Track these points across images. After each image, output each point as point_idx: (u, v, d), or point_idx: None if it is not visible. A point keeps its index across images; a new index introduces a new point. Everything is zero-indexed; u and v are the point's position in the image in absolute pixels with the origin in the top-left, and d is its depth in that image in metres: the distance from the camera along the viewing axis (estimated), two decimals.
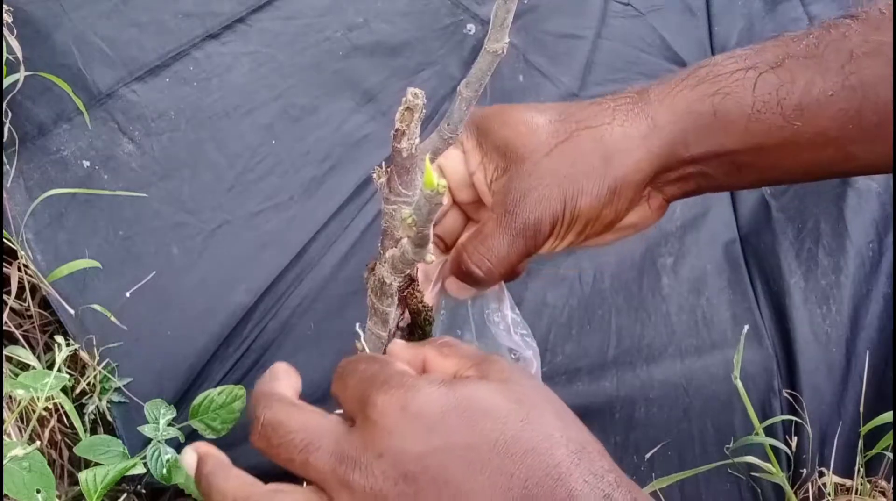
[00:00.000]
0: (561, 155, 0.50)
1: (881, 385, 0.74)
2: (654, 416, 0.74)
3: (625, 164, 0.49)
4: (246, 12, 0.76)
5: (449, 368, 0.43)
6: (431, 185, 0.36)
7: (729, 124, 0.49)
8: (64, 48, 0.72)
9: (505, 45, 0.43)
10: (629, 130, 0.50)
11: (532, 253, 0.51)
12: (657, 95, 0.51)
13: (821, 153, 0.49)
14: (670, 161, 0.50)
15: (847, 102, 0.48)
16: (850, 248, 0.78)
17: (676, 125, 0.50)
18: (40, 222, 0.69)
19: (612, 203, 0.50)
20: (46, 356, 0.68)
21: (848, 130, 0.48)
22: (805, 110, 0.48)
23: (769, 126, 0.49)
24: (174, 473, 0.62)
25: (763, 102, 0.48)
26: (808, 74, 0.48)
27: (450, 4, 0.80)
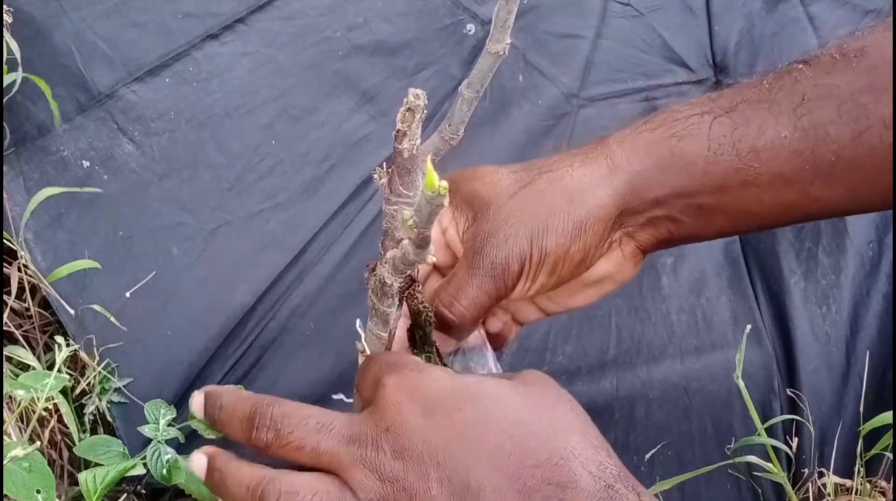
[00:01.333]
0: (525, 197, 0.51)
1: (881, 385, 0.75)
2: (654, 416, 0.74)
3: (587, 201, 0.51)
4: (246, 12, 0.76)
5: None
6: (433, 186, 0.36)
7: (687, 165, 0.50)
8: (64, 48, 0.72)
9: (506, 46, 0.43)
10: (591, 171, 0.51)
11: (503, 295, 0.51)
12: (616, 140, 0.52)
13: (783, 195, 0.50)
14: (634, 201, 0.51)
15: (800, 143, 0.49)
16: (850, 248, 0.78)
17: (636, 165, 0.51)
18: (40, 222, 0.69)
19: (579, 239, 0.51)
20: (46, 356, 0.68)
21: (805, 171, 0.49)
22: (760, 152, 0.49)
23: (726, 168, 0.50)
24: (174, 473, 0.62)
25: (718, 144, 0.50)
26: (761, 117, 0.49)
27: (450, 4, 0.80)
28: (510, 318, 0.57)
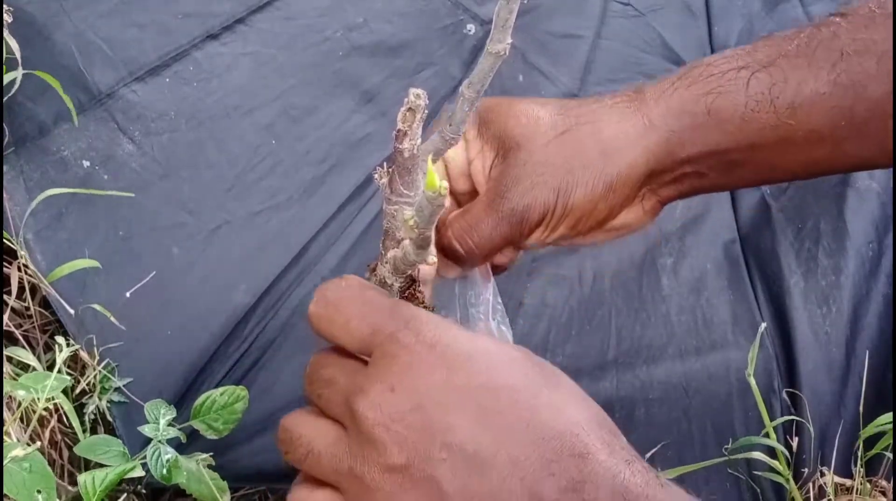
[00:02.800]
0: (559, 146, 0.50)
1: (881, 385, 0.75)
2: (654, 416, 0.74)
3: (622, 160, 0.50)
4: (246, 13, 0.76)
5: None
6: (433, 186, 0.36)
7: (723, 123, 0.49)
8: (64, 48, 0.72)
9: (507, 47, 0.43)
10: (627, 128, 0.50)
11: (517, 240, 0.50)
12: (653, 94, 0.51)
13: (814, 151, 0.50)
14: (666, 160, 0.51)
15: (839, 99, 0.48)
16: (850, 248, 0.78)
17: (672, 124, 0.50)
18: (40, 222, 0.69)
19: (606, 198, 0.50)
20: (46, 356, 0.68)
21: (840, 127, 0.49)
22: (798, 109, 0.49)
23: (762, 125, 0.49)
24: (174, 473, 0.62)
25: (756, 100, 0.49)
26: (800, 73, 0.49)
27: (450, 5, 0.80)
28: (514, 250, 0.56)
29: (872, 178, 0.79)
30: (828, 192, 0.80)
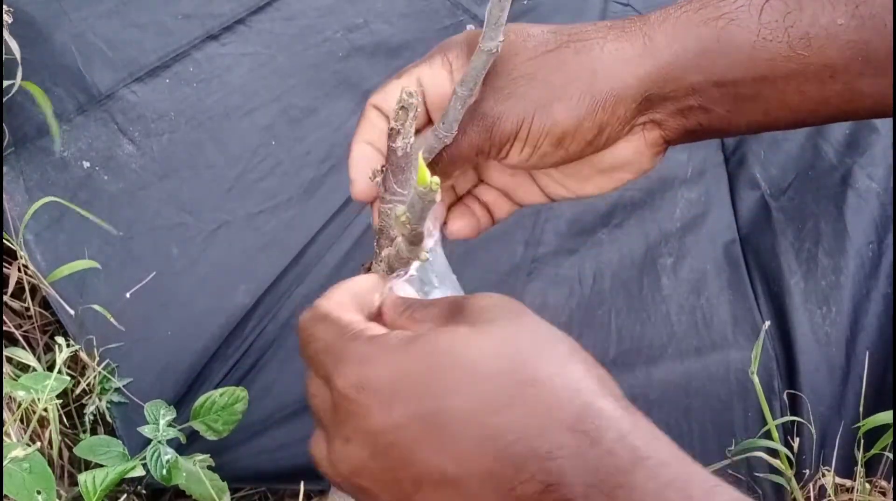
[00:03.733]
0: (545, 61, 0.48)
1: (881, 386, 0.75)
2: (654, 416, 0.74)
3: (614, 78, 0.47)
4: (246, 13, 0.76)
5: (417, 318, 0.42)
6: (424, 182, 0.36)
7: (733, 51, 0.47)
8: (64, 49, 0.72)
9: (500, 44, 0.43)
10: (623, 47, 0.48)
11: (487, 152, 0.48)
12: (658, 17, 0.48)
13: (827, 88, 0.47)
14: (668, 86, 0.48)
15: (856, 32, 0.46)
16: (850, 248, 0.78)
17: (676, 47, 0.47)
18: (40, 223, 0.69)
19: (593, 115, 0.47)
20: (46, 356, 0.68)
21: (856, 62, 0.46)
22: (812, 40, 0.46)
23: (774, 55, 0.47)
24: (174, 473, 0.62)
25: (769, 29, 0.46)
26: (817, 2, 0.46)
27: (449, 5, 0.80)
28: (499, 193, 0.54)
29: (872, 178, 0.79)
30: (828, 192, 0.80)
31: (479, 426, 0.35)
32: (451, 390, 0.36)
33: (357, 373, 0.37)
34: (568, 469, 0.34)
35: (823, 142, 0.81)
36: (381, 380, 0.37)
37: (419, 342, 0.38)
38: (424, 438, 0.36)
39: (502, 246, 0.77)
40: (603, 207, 0.79)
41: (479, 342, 0.37)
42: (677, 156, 0.81)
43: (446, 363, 0.36)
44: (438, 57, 0.50)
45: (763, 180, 0.81)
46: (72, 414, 0.67)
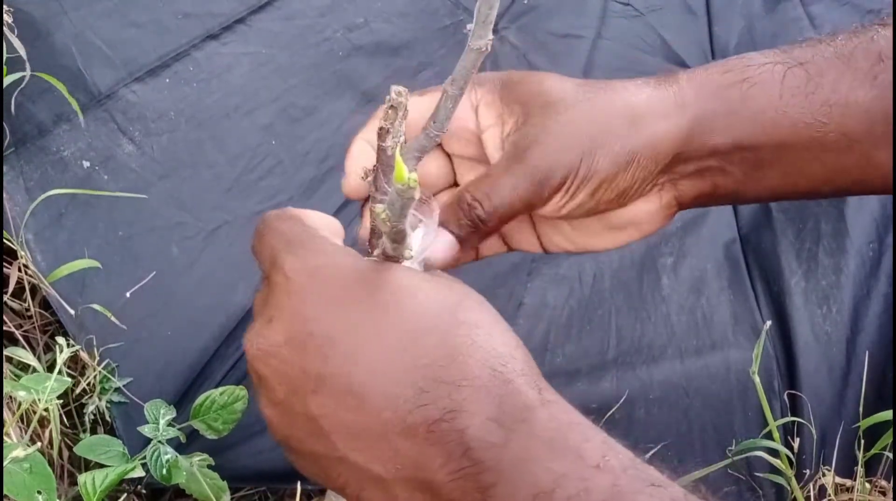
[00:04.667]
0: (586, 110, 0.48)
1: (881, 385, 0.75)
2: (654, 416, 0.74)
3: (650, 131, 0.47)
4: (246, 13, 0.76)
5: None
6: (402, 179, 0.36)
7: (756, 114, 0.48)
8: (64, 48, 0.72)
9: (489, 42, 0.42)
10: (657, 102, 0.48)
11: (537, 204, 0.48)
12: (686, 77, 0.49)
13: (845, 158, 0.48)
14: (693, 146, 0.48)
15: (874, 102, 0.47)
16: (850, 248, 0.78)
17: (703, 106, 0.48)
18: (40, 223, 0.69)
19: (629, 168, 0.48)
20: (47, 356, 0.68)
21: (873, 133, 0.47)
22: (832, 108, 0.47)
23: (795, 121, 0.47)
24: (174, 473, 0.62)
25: (791, 94, 0.47)
26: (837, 73, 0.47)
27: (449, 5, 0.80)
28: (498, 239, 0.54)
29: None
30: None
31: (398, 345, 0.37)
32: (385, 306, 0.38)
33: (312, 260, 0.39)
34: (473, 399, 0.35)
35: None
36: (329, 275, 0.39)
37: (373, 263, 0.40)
38: (344, 340, 0.37)
39: None
40: None
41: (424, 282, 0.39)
42: None
43: (391, 284, 0.38)
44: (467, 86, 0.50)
45: None
46: (72, 414, 0.67)
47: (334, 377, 0.37)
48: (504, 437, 0.35)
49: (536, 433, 0.35)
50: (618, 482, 0.34)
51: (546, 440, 0.35)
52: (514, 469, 0.34)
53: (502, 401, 0.36)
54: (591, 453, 0.35)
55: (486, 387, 0.36)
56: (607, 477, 0.34)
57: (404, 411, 0.36)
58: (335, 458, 0.38)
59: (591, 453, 0.35)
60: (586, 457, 0.35)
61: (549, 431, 0.35)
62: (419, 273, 0.40)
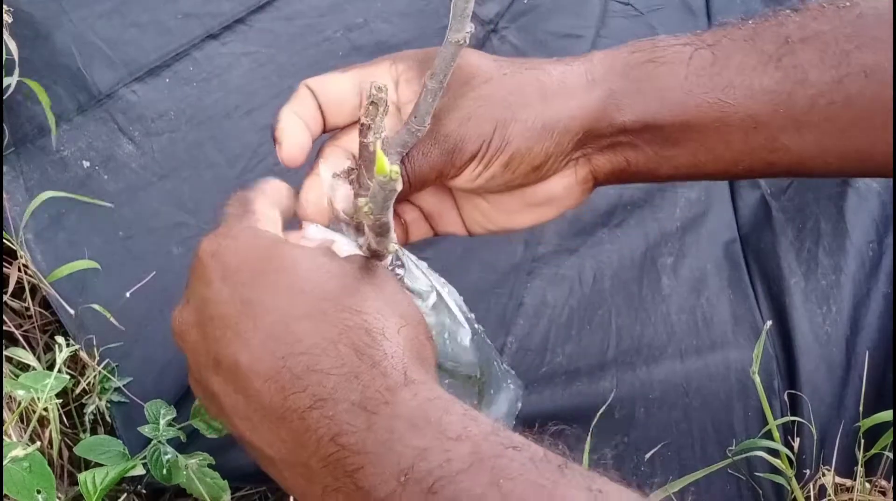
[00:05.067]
0: (501, 84, 0.49)
1: (881, 385, 0.75)
2: (654, 416, 0.74)
3: (562, 106, 0.49)
4: (246, 12, 0.76)
5: None
6: (384, 171, 0.36)
7: (662, 92, 0.49)
8: (64, 48, 0.72)
9: (467, 35, 0.43)
10: (570, 79, 0.50)
11: (448, 172, 0.49)
12: (598, 56, 0.51)
13: (751, 139, 0.49)
14: (603, 122, 0.50)
15: (779, 84, 0.48)
16: (850, 248, 0.78)
17: (611, 84, 0.50)
18: (40, 223, 0.69)
19: (543, 141, 0.49)
20: (46, 356, 0.68)
21: (778, 115, 0.48)
22: (737, 89, 0.48)
23: (700, 101, 0.49)
24: (174, 473, 0.62)
25: (697, 75, 0.49)
26: (743, 54, 0.48)
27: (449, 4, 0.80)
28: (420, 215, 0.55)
29: (873, 178, 0.79)
30: (828, 191, 0.80)
31: (281, 331, 0.38)
32: (272, 289, 0.39)
33: (219, 244, 0.42)
34: (340, 387, 0.37)
35: None
36: (231, 258, 0.41)
37: (280, 244, 0.42)
38: (237, 322, 0.39)
39: (502, 245, 0.77)
40: (603, 206, 0.79)
41: (319, 264, 0.41)
42: None
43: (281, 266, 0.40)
44: (387, 63, 0.51)
45: (763, 180, 0.81)
46: (72, 414, 0.67)
47: (226, 358, 0.39)
48: (368, 421, 0.36)
49: (398, 413, 0.36)
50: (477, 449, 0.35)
51: (408, 418, 0.36)
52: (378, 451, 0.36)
53: (366, 386, 0.37)
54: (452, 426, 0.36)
55: (352, 373, 0.37)
56: (467, 446, 0.35)
57: (281, 397, 0.37)
58: (238, 435, 0.40)
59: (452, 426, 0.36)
60: (447, 430, 0.36)
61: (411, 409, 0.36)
62: (319, 254, 0.42)
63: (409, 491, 0.34)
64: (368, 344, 0.38)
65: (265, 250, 0.41)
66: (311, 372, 0.37)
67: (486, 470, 0.34)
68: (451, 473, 0.34)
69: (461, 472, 0.34)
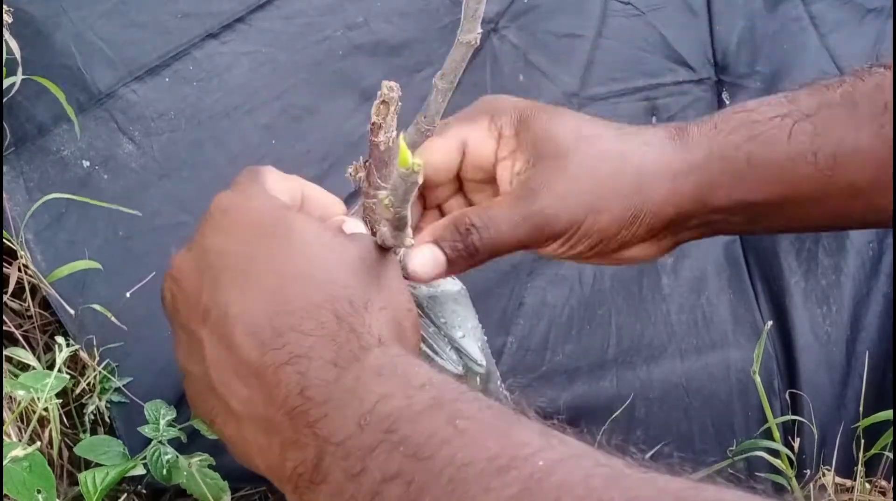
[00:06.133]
0: (598, 164, 0.49)
1: (881, 385, 0.75)
2: (654, 416, 0.74)
3: (656, 195, 0.49)
4: (246, 12, 0.76)
5: None
6: (406, 163, 0.36)
7: (763, 173, 0.48)
8: (64, 48, 0.72)
9: (478, 36, 0.43)
10: (666, 163, 0.49)
11: (531, 246, 0.49)
12: (695, 134, 0.50)
13: (850, 205, 0.49)
14: (697, 206, 0.49)
15: (880, 152, 0.47)
16: (850, 248, 0.78)
17: (710, 168, 0.49)
18: (40, 223, 0.69)
19: (631, 228, 0.49)
20: (46, 356, 0.68)
21: (878, 181, 0.47)
22: (838, 160, 0.47)
23: (801, 177, 0.48)
24: (174, 473, 0.62)
25: (797, 151, 0.48)
26: (843, 125, 0.48)
27: (449, 4, 0.80)
28: None
29: None
30: None
31: (273, 289, 0.39)
32: (273, 249, 0.41)
33: (232, 201, 0.44)
34: (317, 347, 0.38)
35: None
36: (241, 216, 0.42)
37: (288, 211, 0.43)
38: (234, 275, 0.40)
39: None
40: None
41: (320, 235, 0.42)
42: None
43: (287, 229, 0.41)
44: (485, 120, 0.51)
45: None
46: (72, 414, 0.67)
47: (216, 308, 0.40)
48: (336, 375, 0.37)
49: (367, 366, 0.38)
50: (439, 394, 0.36)
51: (375, 368, 0.37)
52: (341, 399, 0.36)
53: (340, 347, 0.38)
54: (418, 376, 0.37)
55: (330, 336, 0.38)
56: (430, 392, 0.36)
57: (259, 352, 0.38)
58: (209, 386, 0.40)
59: (418, 376, 0.37)
60: (412, 379, 0.37)
61: (380, 363, 0.38)
62: (323, 227, 0.43)
63: (367, 433, 0.35)
64: (350, 313, 0.39)
65: (274, 213, 0.42)
66: (291, 331, 0.38)
67: (444, 412, 0.35)
68: (410, 414, 0.35)
69: (421, 413, 0.35)
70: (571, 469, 0.32)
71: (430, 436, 0.34)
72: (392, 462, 0.34)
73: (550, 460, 0.32)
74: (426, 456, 0.33)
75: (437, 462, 0.33)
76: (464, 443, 0.33)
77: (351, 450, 0.35)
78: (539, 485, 0.31)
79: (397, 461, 0.34)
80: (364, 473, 0.34)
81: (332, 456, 0.35)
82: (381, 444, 0.34)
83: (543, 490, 0.31)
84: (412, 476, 0.33)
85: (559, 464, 0.32)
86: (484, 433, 0.34)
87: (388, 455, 0.34)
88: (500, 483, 0.31)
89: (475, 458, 0.32)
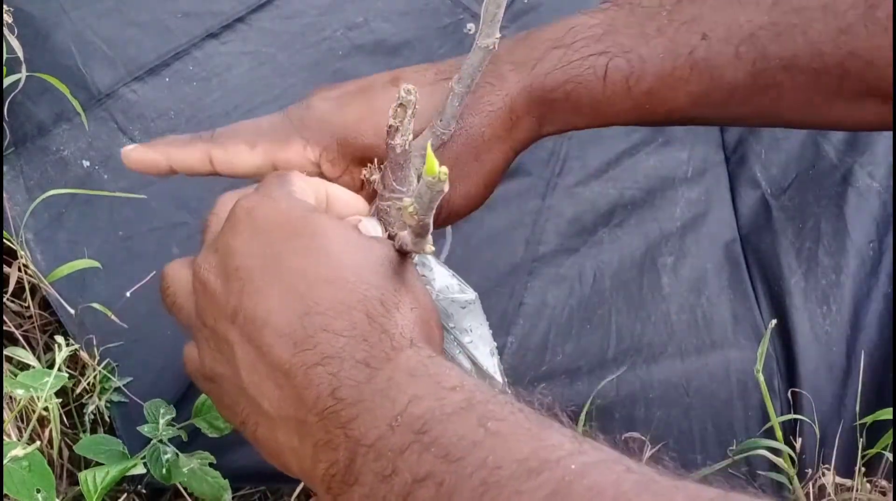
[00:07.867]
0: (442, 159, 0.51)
1: (881, 385, 0.74)
2: (654, 416, 0.74)
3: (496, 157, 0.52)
4: (246, 11, 0.76)
5: None
6: (433, 172, 0.36)
7: (581, 107, 0.51)
8: (64, 48, 0.72)
9: (496, 41, 0.43)
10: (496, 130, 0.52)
11: None
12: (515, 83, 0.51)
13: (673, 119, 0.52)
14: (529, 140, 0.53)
15: (697, 84, 0.49)
16: (851, 247, 0.78)
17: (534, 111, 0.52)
18: (40, 222, 0.69)
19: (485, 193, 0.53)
20: (46, 356, 0.68)
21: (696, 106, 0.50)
22: (655, 94, 0.50)
23: (619, 110, 0.51)
24: (174, 473, 0.62)
25: (612, 91, 0.50)
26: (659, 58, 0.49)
27: (450, 3, 0.80)
28: None
29: (873, 177, 0.79)
30: (828, 191, 0.80)
31: (303, 290, 0.40)
32: (301, 251, 0.41)
33: (257, 202, 0.43)
34: (348, 347, 0.38)
35: (824, 141, 0.81)
36: (266, 217, 0.42)
37: (314, 213, 0.43)
38: (261, 276, 0.40)
39: (503, 245, 0.77)
40: (603, 206, 0.79)
41: (348, 237, 0.42)
42: (677, 155, 0.81)
43: (314, 232, 0.42)
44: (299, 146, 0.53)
45: (763, 180, 0.81)
46: (72, 414, 0.67)
47: (245, 310, 0.40)
48: (368, 375, 0.37)
49: (399, 367, 0.38)
50: (471, 396, 0.36)
51: (407, 369, 0.37)
52: (374, 400, 0.37)
53: (372, 347, 0.38)
54: (450, 378, 0.37)
55: (361, 336, 0.38)
56: (461, 394, 0.36)
57: (290, 353, 0.38)
58: (240, 388, 0.40)
59: (450, 378, 0.37)
60: (443, 382, 0.37)
61: (412, 364, 0.38)
62: (350, 228, 0.43)
63: (398, 434, 0.35)
64: (381, 314, 0.39)
65: (300, 215, 0.43)
66: (323, 332, 0.38)
67: (475, 414, 0.35)
68: (442, 416, 0.35)
69: (452, 414, 0.35)
70: (603, 473, 0.32)
71: (462, 438, 0.34)
72: (423, 463, 0.34)
73: (582, 463, 0.32)
74: (457, 458, 0.33)
75: (468, 463, 0.33)
76: (495, 445, 0.33)
77: (382, 452, 0.35)
78: (570, 488, 0.31)
79: (428, 462, 0.34)
80: (395, 474, 0.34)
81: (364, 458, 0.35)
82: (411, 445, 0.34)
83: (574, 494, 0.31)
84: (443, 478, 0.33)
85: (591, 468, 0.32)
86: (515, 436, 0.34)
87: (419, 456, 0.34)
88: (532, 485, 0.31)
89: (506, 460, 0.33)
